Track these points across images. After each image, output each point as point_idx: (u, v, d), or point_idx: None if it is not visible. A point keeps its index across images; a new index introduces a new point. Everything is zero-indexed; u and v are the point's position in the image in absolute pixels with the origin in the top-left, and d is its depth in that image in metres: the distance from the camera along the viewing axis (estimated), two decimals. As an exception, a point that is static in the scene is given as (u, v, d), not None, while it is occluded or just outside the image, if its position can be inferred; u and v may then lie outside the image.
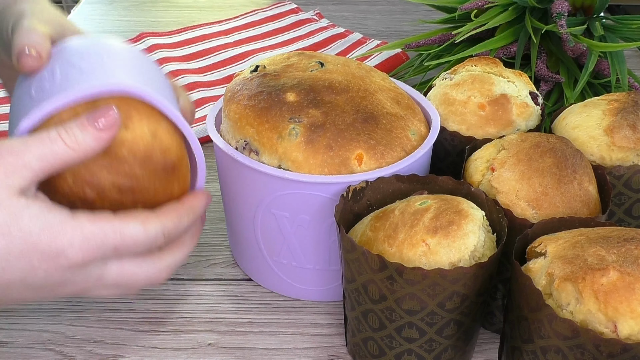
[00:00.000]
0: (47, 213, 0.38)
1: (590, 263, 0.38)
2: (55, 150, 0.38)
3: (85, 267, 0.39)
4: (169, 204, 0.43)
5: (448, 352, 0.45)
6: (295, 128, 0.48)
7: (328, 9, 1.11)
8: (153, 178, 0.41)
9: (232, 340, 0.51)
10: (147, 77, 0.43)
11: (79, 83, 0.40)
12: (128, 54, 0.45)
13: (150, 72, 0.45)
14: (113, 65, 0.42)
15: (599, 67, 0.74)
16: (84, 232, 0.38)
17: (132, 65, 0.44)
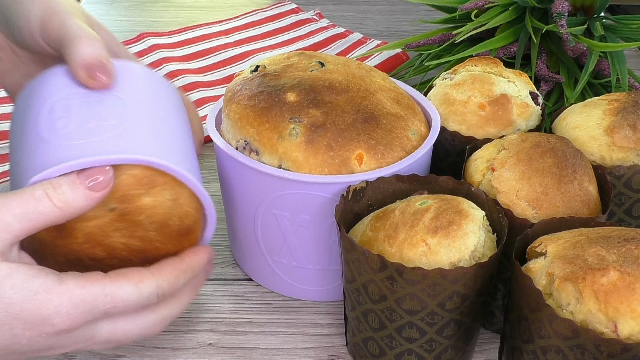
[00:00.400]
0: (31, 279, 0.35)
1: (591, 263, 0.38)
2: (40, 210, 0.35)
3: (73, 332, 0.37)
4: (167, 259, 0.41)
5: (448, 352, 0.45)
6: (295, 128, 0.48)
7: (328, 9, 1.11)
8: (167, 241, 0.41)
9: (232, 340, 0.51)
10: (172, 135, 0.41)
11: (101, 143, 0.37)
12: (149, 94, 0.42)
13: (174, 122, 0.42)
14: (137, 124, 0.39)
15: (599, 67, 0.74)
16: (72, 299, 0.36)
17: (156, 118, 0.41)
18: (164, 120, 0.42)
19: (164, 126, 0.41)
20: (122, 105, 0.40)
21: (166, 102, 0.44)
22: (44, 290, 0.35)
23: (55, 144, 0.37)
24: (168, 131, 0.41)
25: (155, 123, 0.41)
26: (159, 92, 0.44)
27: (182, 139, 0.43)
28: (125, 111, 0.39)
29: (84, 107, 0.39)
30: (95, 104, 0.39)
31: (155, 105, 0.42)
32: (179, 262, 0.41)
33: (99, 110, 0.39)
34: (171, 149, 0.40)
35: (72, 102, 0.39)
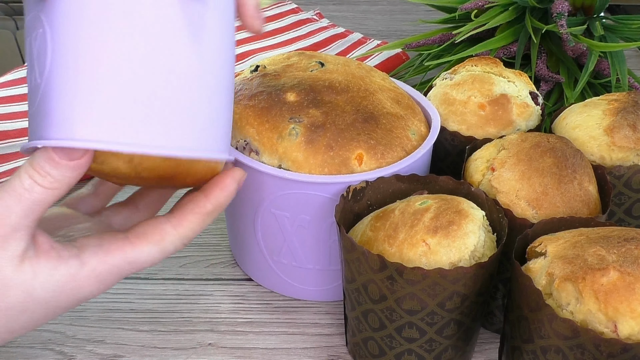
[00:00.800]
0: (54, 272, 0.36)
1: (591, 263, 0.38)
2: (36, 199, 0.35)
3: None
4: (191, 203, 0.39)
5: (448, 352, 0.45)
6: (295, 128, 0.48)
7: (328, 9, 1.11)
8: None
9: (232, 340, 0.51)
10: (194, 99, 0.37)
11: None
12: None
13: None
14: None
15: (599, 67, 0.74)
16: (98, 277, 0.37)
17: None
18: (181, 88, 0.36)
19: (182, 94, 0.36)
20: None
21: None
22: (71, 279, 0.37)
23: (40, 105, 0.35)
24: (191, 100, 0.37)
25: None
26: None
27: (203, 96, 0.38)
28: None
29: (65, 57, 0.35)
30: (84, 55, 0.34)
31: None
32: (203, 203, 0.39)
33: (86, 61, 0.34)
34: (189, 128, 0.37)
35: (54, 35, 0.35)
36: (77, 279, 0.37)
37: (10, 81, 0.81)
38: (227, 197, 0.40)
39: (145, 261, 0.39)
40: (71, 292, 0.37)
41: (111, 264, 0.38)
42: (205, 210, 0.39)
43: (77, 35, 0.34)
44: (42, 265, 0.36)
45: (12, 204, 0.34)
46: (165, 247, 0.39)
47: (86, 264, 0.37)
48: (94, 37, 0.33)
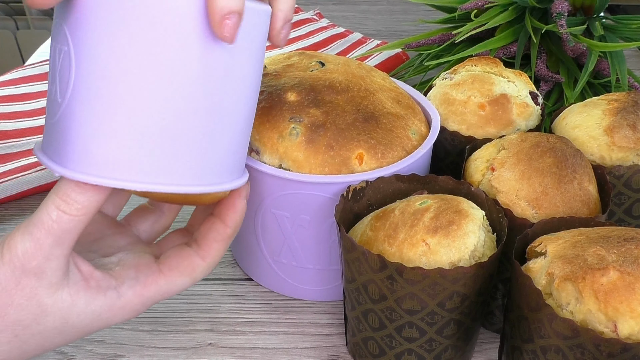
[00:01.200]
0: (92, 302, 0.38)
1: (590, 263, 0.38)
2: (65, 228, 0.35)
3: None
4: (213, 232, 0.42)
5: (448, 352, 0.45)
6: (295, 128, 0.48)
7: (328, 8, 1.11)
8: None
9: (232, 339, 0.51)
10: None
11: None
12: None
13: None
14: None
15: (599, 67, 0.74)
16: (133, 308, 0.40)
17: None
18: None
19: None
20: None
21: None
22: (107, 310, 0.39)
23: (56, 124, 0.35)
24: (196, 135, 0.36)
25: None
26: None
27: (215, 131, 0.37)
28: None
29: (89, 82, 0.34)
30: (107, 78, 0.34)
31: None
32: (223, 230, 0.42)
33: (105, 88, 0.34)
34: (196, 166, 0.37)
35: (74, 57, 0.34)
36: (113, 309, 0.39)
37: (10, 80, 0.81)
38: (241, 216, 0.43)
39: (176, 291, 0.42)
40: (105, 320, 0.39)
41: (146, 297, 0.40)
42: (226, 236, 0.43)
43: (102, 69, 0.33)
44: (81, 295, 0.37)
45: (42, 237, 0.35)
46: (196, 277, 0.42)
47: (123, 296, 0.39)
48: (119, 76, 0.33)
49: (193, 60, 0.34)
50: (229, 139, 0.38)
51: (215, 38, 0.34)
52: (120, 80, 0.33)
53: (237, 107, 0.38)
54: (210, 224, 0.43)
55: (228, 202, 0.42)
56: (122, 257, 0.42)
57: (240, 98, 0.38)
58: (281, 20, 0.38)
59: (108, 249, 0.43)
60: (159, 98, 0.34)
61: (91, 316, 0.38)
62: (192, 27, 0.33)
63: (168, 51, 0.33)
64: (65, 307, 0.37)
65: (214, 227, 0.42)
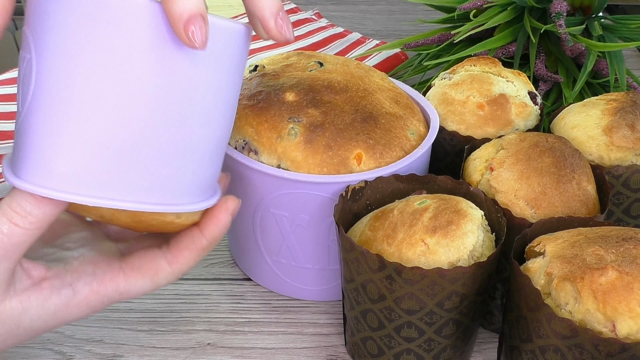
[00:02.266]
0: (46, 302, 0.36)
1: (589, 262, 0.38)
2: (16, 242, 0.33)
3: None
4: (187, 239, 0.40)
5: (447, 352, 0.45)
6: (294, 128, 0.48)
7: (327, 8, 1.11)
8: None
9: (231, 339, 0.51)
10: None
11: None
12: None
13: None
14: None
15: (598, 67, 0.74)
16: (89, 304, 0.38)
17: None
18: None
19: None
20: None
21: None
22: (63, 308, 0.37)
23: (20, 132, 0.34)
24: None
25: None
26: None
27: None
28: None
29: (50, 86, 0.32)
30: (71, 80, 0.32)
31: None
32: (199, 239, 0.39)
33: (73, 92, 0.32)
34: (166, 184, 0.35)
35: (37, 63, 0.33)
36: (68, 307, 0.37)
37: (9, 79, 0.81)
38: (221, 231, 0.40)
39: (136, 293, 0.39)
40: (61, 318, 0.37)
41: (103, 294, 0.38)
42: (200, 246, 0.40)
43: (59, 77, 0.32)
44: (32, 300, 0.36)
45: None
46: (158, 282, 0.40)
47: (78, 292, 0.37)
48: (74, 85, 0.32)
49: (151, 70, 0.32)
50: (196, 157, 0.36)
51: (175, 47, 0.32)
52: (76, 89, 0.32)
53: (206, 124, 0.36)
54: (187, 230, 0.40)
55: (212, 214, 0.40)
56: (83, 252, 0.40)
57: (210, 114, 0.36)
58: (270, 16, 0.36)
59: (71, 244, 0.41)
60: (116, 109, 0.32)
61: (46, 316, 0.36)
62: (149, 34, 0.31)
63: (123, 59, 0.31)
64: (17, 314, 0.35)
65: (191, 234, 0.40)
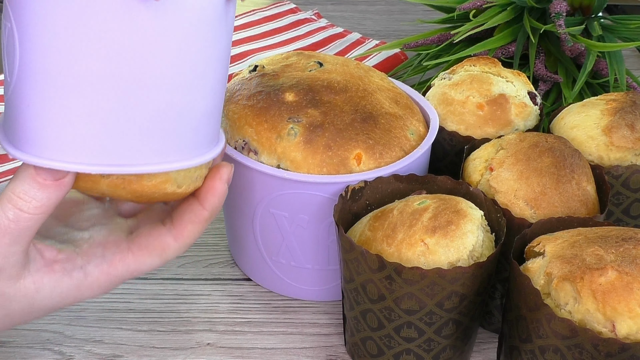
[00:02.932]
0: (58, 284, 0.37)
1: (589, 263, 0.38)
2: (23, 227, 0.34)
3: None
4: (189, 213, 0.40)
5: (447, 352, 0.45)
6: (294, 128, 0.48)
7: (327, 8, 1.11)
8: None
9: (230, 339, 0.51)
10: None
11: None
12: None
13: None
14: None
15: (597, 67, 0.74)
16: (100, 286, 0.39)
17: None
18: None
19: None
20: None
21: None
22: (74, 289, 0.38)
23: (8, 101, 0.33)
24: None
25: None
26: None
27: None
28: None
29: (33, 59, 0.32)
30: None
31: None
32: (200, 211, 0.40)
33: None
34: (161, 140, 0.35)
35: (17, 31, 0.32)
36: (80, 289, 0.38)
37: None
38: (220, 199, 0.41)
39: (147, 270, 0.40)
40: (73, 299, 0.39)
41: (114, 275, 0.39)
42: (202, 218, 0.40)
43: (39, 42, 0.31)
44: (45, 281, 0.37)
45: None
46: (167, 257, 0.40)
47: (89, 275, 0.38)
48: (54, 50, 0.31)
49: (125, 27, 0.31)
50: (192, 110, 0.35)
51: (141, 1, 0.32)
52: (58, 57, 0.31)
53: (196, 78, 0.35)
54: (188, 204, 0.41)
55: (207, 185, 0.40)
56: (93, 233, 0.40)
57: (199, 64, 0.35)
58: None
59: (83, 222, 0.41)
60: (99, 71, 0.31)
61: (58, 297, 0.38)
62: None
63: (95, 19, 0.31)
64: (30, 294, 0.37)
65: (191, 207, 0.40)
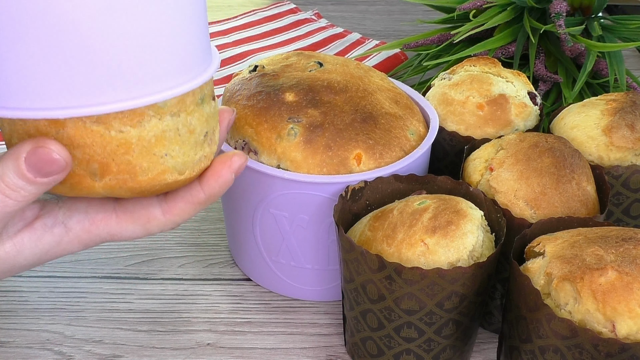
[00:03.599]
0: (39, 241, 0.37)
1: (589, 263, 0.38)
2: (7, 212, 0.34)
3: None
4: (184, 191, 0.37)
5: (446, 352, 0.45)
6: (294, 128, 0.48)
7: (327, 9, 1.11)
8: None
9: (230, 340, 0.51)
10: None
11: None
12: None
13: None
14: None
15: (597, 67, 0.74)
16: (80, 242, 0.38)
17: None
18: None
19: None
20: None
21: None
22: (55, 244, 0.37)
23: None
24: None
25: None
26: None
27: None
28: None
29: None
30: None
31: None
32: (197, 192, 0.38)
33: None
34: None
35: None
36: (60, 244, 0.38)
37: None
38: (222, 187, 0.38)
39: (128, 237, 0.39)
40: (54, 254, 0.38)
41: (95, 233, 0.38)
42: (197, 200, 0.38)
43: None
44: (25, 241, 0.37)
45: None
46: (150, 230, 0.39)
47: (70, 230, 0.38)
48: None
49: None
50: (165, 28, 0.32)
51: None
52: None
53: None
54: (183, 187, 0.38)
55: (214, 167, 0.38)
56: None
57: None
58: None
59: None
60: (48, 6, 0.29)
61: (40, 254, 0.37)
62: None
63: None
64: (12, 257, 0.36)
65: (189, 185, 0.38)
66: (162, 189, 0.36)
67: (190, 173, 0.36)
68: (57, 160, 0.32)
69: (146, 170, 0.34)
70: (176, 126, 0.34)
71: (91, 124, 0.32)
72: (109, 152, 0.33)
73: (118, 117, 0.32)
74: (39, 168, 0.32)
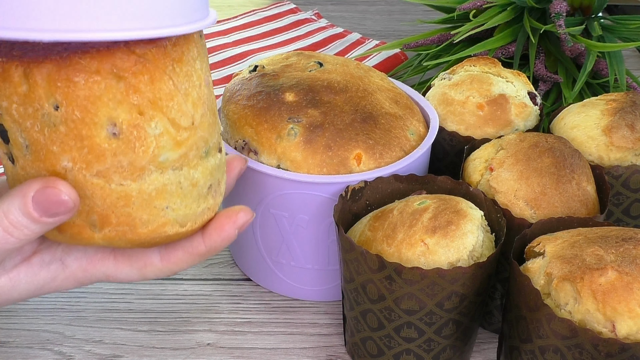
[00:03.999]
0: (35, 277, 0.37)
1: (589, 263, 0.38)
2: (8, 249, 0.33)
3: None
4: (185, 242, 0.36)
5: (447, 352, 0.45)
6: (294, 128, 0.48)
7: (327, 9, 1.11)
8: None
9: (230, 340, 0.51)
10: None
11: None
12: None
13: None
14: None
15: (597, 67, 0.74)
16: (76, 280, 0.38)
17: None
18: None
19: None
20: None
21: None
22: (50, 281, 0.38)
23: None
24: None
25: None
26: None
27: None
28: None
29: None
30: None
31: None
32: (198, 244, 0.37)
33: None
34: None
35: None
36: (56, 280, 0.38)
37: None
38: (224, 241, 0.37)
39: (123, 279, 0.39)
40: (48, 289, 0.38)
41: (91, 273, 0.39)
42: (197, 252, 0.37)
43: None
44: (22, 276, 0.37)
45: None
46: (146, 275, 0.39)
47: (67, 267, 0.38)
48: None
49: None
50: None
51: None
52: None
53: None
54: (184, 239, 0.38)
55: (218, 221, 0.37)
56: None
57: None
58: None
59: None
60: None
61: (34, 289, 0.37)
62: None
63: None
64: (5, 291, 0.36)
65: (191, 236, 0.37)
66: (162, 241, 0.35)
67: (192, 225, 0.35)
68: (66, 201, 0.32)
69: (146, 223, 0.33)
70: (178, 179, 0.34)
71: (91, 177, 0.32)
72: (109, 205, 0.33)
73: (118, 171, 0.32)
74: (46, 208, 0.32)
